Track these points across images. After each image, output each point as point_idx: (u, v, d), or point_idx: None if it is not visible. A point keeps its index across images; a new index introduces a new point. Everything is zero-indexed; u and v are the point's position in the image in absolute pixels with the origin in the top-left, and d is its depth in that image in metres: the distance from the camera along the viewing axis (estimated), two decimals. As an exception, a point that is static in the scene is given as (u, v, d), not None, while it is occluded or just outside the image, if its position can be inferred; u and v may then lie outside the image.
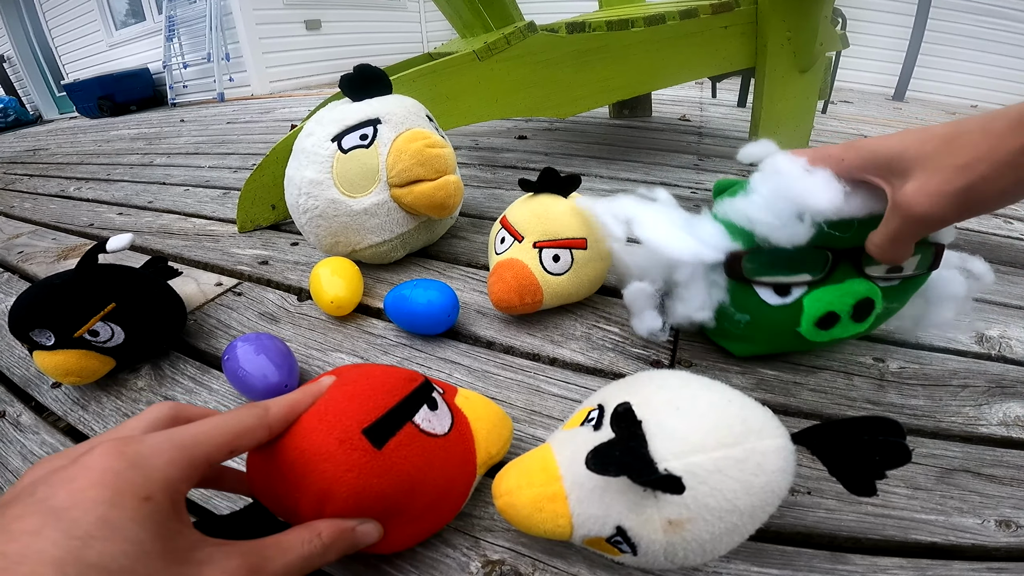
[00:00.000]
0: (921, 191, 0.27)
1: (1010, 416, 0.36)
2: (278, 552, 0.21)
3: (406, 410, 0.26)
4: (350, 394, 0.25)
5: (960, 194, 0.25)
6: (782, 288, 0.35)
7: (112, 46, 3.65)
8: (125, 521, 0.16)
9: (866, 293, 0.33)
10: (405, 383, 0.27)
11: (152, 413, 0.22)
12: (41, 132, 2.65)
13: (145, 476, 0.17)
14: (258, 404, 0.23)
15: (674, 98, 1.83)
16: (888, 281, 0.34)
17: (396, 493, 0.24)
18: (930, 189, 0.26)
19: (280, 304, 0.53)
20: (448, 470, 0.27)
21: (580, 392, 0.39)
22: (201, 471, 0.20)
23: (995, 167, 0.24)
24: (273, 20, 3.04)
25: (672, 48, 0.85)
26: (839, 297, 0.33)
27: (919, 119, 1.98)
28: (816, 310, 0.33)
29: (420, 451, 0.25)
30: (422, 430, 0.26)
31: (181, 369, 0.44)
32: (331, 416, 0.24)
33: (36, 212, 0.93)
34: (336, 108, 0.53)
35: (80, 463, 0.17)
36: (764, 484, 0.22)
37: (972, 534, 0.28)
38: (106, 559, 0.15)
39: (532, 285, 0.43)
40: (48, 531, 0.15)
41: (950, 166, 0.26)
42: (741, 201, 0.34)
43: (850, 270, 0.33)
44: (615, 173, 0.92)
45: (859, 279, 0.33)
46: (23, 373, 0.45)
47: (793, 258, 0.33)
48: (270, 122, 1.80)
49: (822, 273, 0.33)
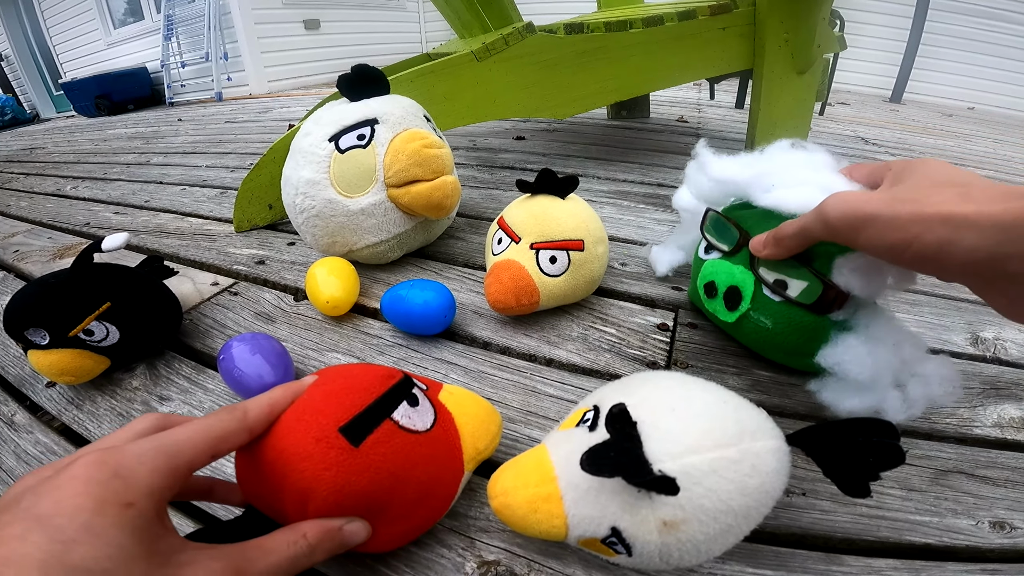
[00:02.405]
0: (843, 195, 0.27)
1: (1004, 418, 0.36)
2: (262, 554, 0.21)
3: (384, 407, 0.26)
4: (328, 393, 0.25)
5: (865, 218, 0.25)
6: (709, 247, 0.40)
7: (110, 45, 3.64)
8: (108, 527, 0.16)
9: (738, 281, 0.36)
10: (383, 380, 0.27)
11: (137, 425, 0.22)
12: (38, 131, 2.64)
13: (127, 484, 0.18)
14: (237, 406, 0.23)
15: (672, 99, 1.83)
16: (773, 293, 0.34)
17: (377, 490, 0.24)
18: (852, 196, 0.27)
19: (276, 304, 0.53)
20: (432, 466, 0.27)
21: (576, 393, 0.39)
22: (184, 477, 0.20)
23: (912, 217, 0.24)
24: (272, 20, 3.03)
25: (670, 49, 0.85)
26: (722, 271, 0.37)
27: (916, 121, 1.99)
28: (706, 273, 0.39)
29: (400, 447, 0.25)
30: (401, 427, 0.26)
31: (176, 369, 0.44)
32: (308, 415, 0.24)
33: (32, 211, 0.92)
34: (334, 108, 0.53)
35: (65, 473, 0.18)
36: (759, 485, 0.22)
37: (966, 535, 0.28)
38: (89, 562, 0.16)
39: (529, 286, 0.43)
40: (33, 536, 0.15)
41: (892, 194, 0.26)
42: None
43: (746, 258, 0.36)
44: (613, 174, 0.92)
45: (743, 268, 0.36)
46: (17, 372, 0.45)
47: (724, 228, 0.38)
48: (268, 122, 1.80)
49: (732, 247, 0.37)
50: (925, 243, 0.23)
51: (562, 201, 0.46)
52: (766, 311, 0.35)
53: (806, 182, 0.34)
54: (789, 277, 0.33)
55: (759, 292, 0.35)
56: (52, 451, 0.37)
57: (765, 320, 0.35)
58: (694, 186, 0.45)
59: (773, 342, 0.36)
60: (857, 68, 2.87)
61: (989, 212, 0.21)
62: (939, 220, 0.23)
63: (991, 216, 0.21)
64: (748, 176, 0.38)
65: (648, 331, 0.46)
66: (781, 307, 0.34)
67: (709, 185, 0.42)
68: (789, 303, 0.34)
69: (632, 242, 0.63)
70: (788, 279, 0.34)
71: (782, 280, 0.34)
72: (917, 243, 0.23)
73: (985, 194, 0.22)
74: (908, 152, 1.30)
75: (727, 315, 0.38)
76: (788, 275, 0.33)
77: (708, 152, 0.43)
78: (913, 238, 0.23)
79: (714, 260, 0.39)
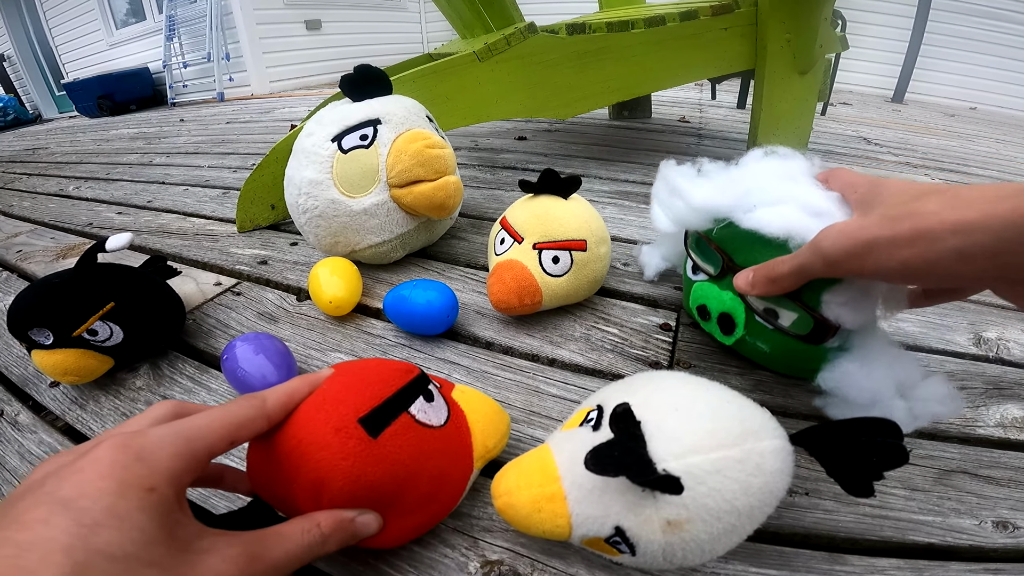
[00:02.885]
0: (838, 228, 0.27)
1: (1007, 418, 0.36)
2: (277, 541, 0.21)
3: (402, 400, 0.26)
4: (347, 384, 0.25)
5: (865, 244, 0.25)
6: (696, 268, 0.40)
7: (112, 45, 3.65)
8: (131, 511, 0.17)
9: (729, 308, 0.35)
10: (401, 374, 0.27)
11: (155, 411, 0.22)
12: (40, 131, 2.65)
13: (150, 468, 0.18)
14: (256, 395, 0.24)
15: (674, 99, 1.83)
16: (765, 321, 0.34)
17: (391, 482, 0.24)
18: (846, 228, 0.26)
19: (279, 304, 0.53)
20: (444, 461, 0.27)
21: (579, 393, 0.39)
22: (203, 463, 0.20)
23: (916, 232, 0.23)
24: (273, 20, 3.04)
25: (672, 50, 0.85)
26: (712, 298, 0.37)
27: (918, 121, 1.98)
28: (696, 296, 0.38)
29: (416, 441, 0.25)
30: (418, 420, 0.26)
31: (180, 369, 0.44)
32: (328, 406, 0.24)
33: (35, 211, 0.93)
34: (336, 108, 0.53)
35: (88, 457, 0.18)
36: (762, 485, 0.22)
37: (969, 535, 0.28)
38: (113, 546, 0.16)
39: (531, 286, 0.43)
40: (57, 519, 0.16)
41: (881, 215, 0.25)
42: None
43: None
44: (615, 174, 0.92)
45: (732, 295, 0.35)
46: (21, 372, 0.45)
47: (708, 251, 0.38)
48: (270, 122, 1.80)
49: (717, 272, 0.37)
50: (940, 254, 0.23)
51: (564, 201, 0.46)
52: (761, 337, 0.35)
53: (784, 198, 0.33)
54: (779, 307, 0.33)
55: (751, 319, 0.35)
56: (56, 451, 0.37)
57: (762, 345, 0.35)
58: (670, 211, 0.41)
59: (773, 363, 0.37)
60: (859, 68, 2.86)
61: (996, 213, 0.21)
62: (948, 230, 0.22)
63: (1001, 216, 0.21)
64: (730, 200, 0.35)
65: (651, 331, 0.46)
66: (775, 334, 0.34)
67: (688, 212, 0.39)
68: (783, 332, 0.34)
69: (634, 242, 0.63)
70: (778, 309, 0.33)
71: (772, 309, 0.34)
72: (931, 255, 0.23)
73: (978, 196, 0.22)
74: (911, 152, 1.30)
75: (724, 338, 0.37)
76: (777, 305, 0.33)
77: (678, 175, 0.40)
78: (924, 251, 0.23)
79: (703, 283, 0.38)
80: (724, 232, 0.36)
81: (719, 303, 0.36)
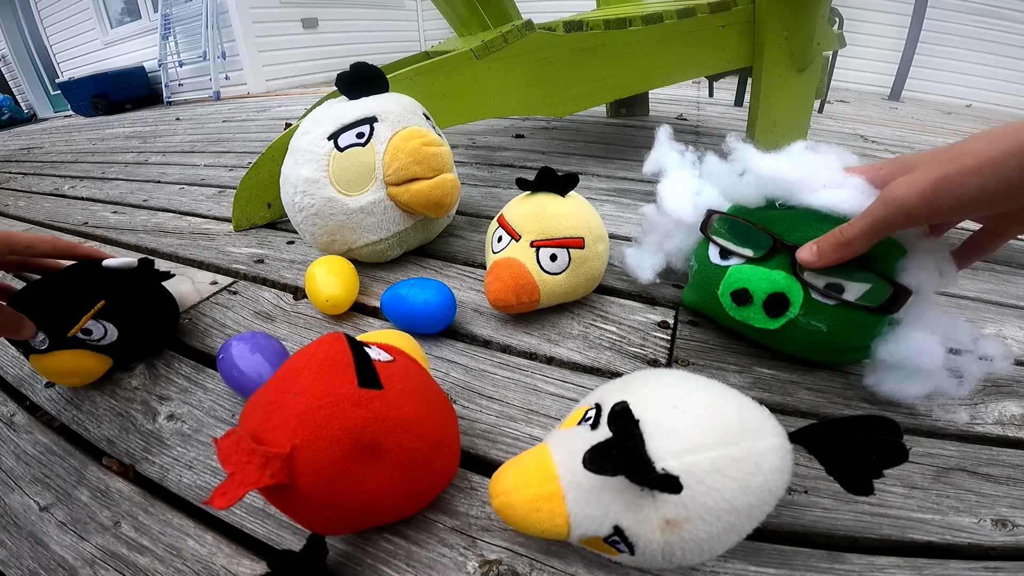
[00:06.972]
0: (903, 180, 0.28)
1: (1006, 415, 0.36)
2: None
3: (363, 355, 0.27)
4: (315, 376, 0.25)
5: (936, 183, 0.26)
6: (726, 252, 0.39)
7: (107, 44, 3.62)
8: None
9: (783, 288, 0.34)
10: (335, 343, 0.28)
11: None
12: (35, 130, 2.64)
13: None
14: None
15: (671, 97, 1.83)
16: (825, 297, 0.34)
17: (427, 404, 0.27)
18: (911, 178, 0.28)
19: (276, 303, 0.53)
20: (424, 376, 0.30)
21: (577, 391, 0.39)
22: None
23: (979, 162, 0.25)
24: (269, 18, 3.02)
25: (670, 47, 0.85)
26: (758, 278, 0.35)
27: (915, 119, 1.99)
28: (734, 279, 0.36)
29: (397, 372, 0.28)
30: (382, 362, 0.28)
31: (176, 368, 0.44)
32: (325, 402, 0.24)
33: (30, 211, 0.92)
34: (333, 106, 0.53)
35: None
36: (761, 483, 0.22)
37: (968, 533, 0.28)
38: None
39: (529, 284, 0.43)
40: None
41: (941, 160, 0.27)
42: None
43: (786, 263, 0.35)
44: (612, 172, 0.92)
45: (786, 274, 0.35)
46: (16, 373, 0.45)
47: (747, 233, 0.37)
48: (266, 120, 1.79)
49: (762, 254, 0.36)
50: (1009, 173, 0.24)
51: (562, 199, 0.46)
52: (819, 315, 0.34)
53: (842, 184, 0.34)
54: (845, 280, 0.33)
55: (808, 297, 0.34)
56: (51, 451, 0.36)
57: (818, 324, 0.35)
58: (721, 183, 0.42)
59: (824, 344, 0.36)
60: (856, 66, 2.86)
61: None
62: (1006, 154, 0.24)
63: None
64: (798, 175, 0.36)
65: (649, 329, 0.46)
66: (837, 310, 0.34)
67: (750, 182, 0.39)
68: (847, 306, 0.33)
69: (632, 240, 0.63)
70: (844, 282, 0.33)
71: (836, 284, 0.33)
72: (1002, 174, 0.25)
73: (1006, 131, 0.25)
74: (908, 149, 1.30)
75: (768, 322, 0.35)
76: (844, 278, 0.33)
77: (750, 148, 0.41)
78: (993, 175, 0.25)
79: (742, 266, 0.36)
80: (765, 213, 0.37)
81: (769, 283, 0.34)
